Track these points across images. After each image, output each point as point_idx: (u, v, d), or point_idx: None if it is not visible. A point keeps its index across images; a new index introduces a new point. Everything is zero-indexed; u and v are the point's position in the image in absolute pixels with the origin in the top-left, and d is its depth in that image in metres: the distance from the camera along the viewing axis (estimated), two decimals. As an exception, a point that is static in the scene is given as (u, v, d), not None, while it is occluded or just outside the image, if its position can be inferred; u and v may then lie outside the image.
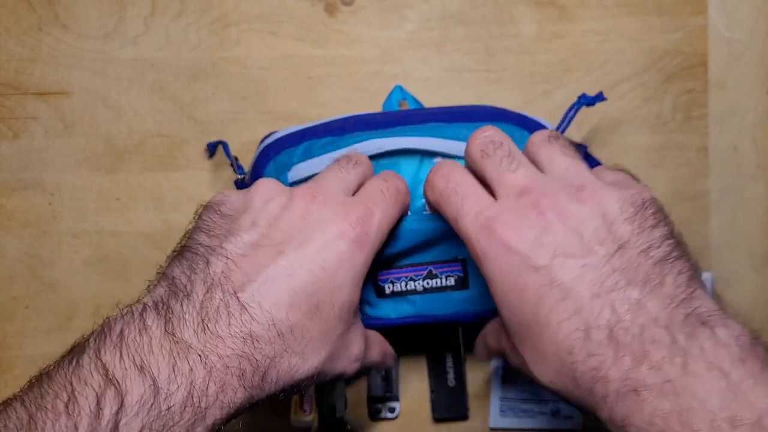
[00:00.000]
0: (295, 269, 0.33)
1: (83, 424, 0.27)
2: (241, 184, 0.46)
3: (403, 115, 0.43)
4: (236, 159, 0.47)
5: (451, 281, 0.42)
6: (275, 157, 0.43)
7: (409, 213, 0.41)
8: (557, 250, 0.32)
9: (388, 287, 0.42)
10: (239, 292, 0.32)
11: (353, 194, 0.38)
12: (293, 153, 0.42)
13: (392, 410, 0.52)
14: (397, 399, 0.52)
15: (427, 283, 0.42)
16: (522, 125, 0.43)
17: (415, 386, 0.52)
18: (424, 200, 0.41)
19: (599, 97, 0.42)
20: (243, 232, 0.34)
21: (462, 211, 0.35)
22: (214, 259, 0.33)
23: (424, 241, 0.41)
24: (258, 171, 0.43)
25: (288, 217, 0.34)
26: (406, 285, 0.42)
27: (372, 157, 0.41)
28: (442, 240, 0.42)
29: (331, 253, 0.34)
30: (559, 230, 0.32)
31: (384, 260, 0.42)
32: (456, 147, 0.41)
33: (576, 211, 0.33)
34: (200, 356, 0.29)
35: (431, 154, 0.42)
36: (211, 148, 0.50)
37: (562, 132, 0.43)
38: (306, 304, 0.33)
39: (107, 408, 0.27)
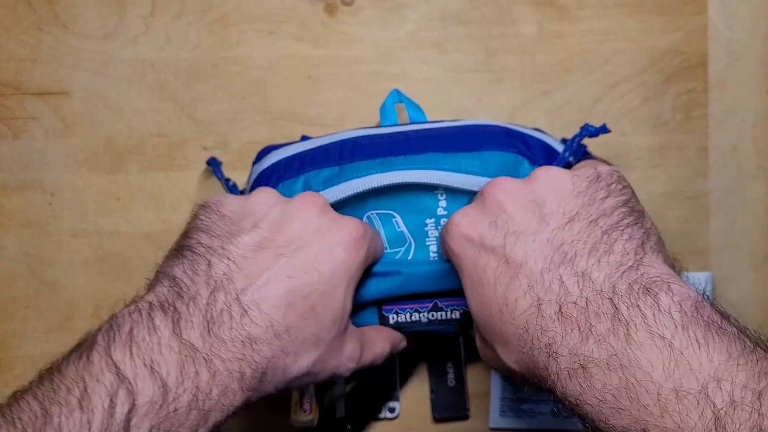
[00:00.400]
0: (294, 271, 0.34)
1: (96, 420, 0.27)
2: None
3: (402, 140, 0.41)
4: (227, 180, 0.46)
5: (457, 314, 0.42)
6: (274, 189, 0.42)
7: (410, 254, 0.41)
8: (510, 229, 0.33)
9: (392, 317, 0.42)
10: (241, 294, 0.32)
11: None
12: (293, 187, 0.41)
13: (392, 410, 0.52)
14: (397, 399, 0.52)
15: (432, 316, 0.42)
16: (525, 151, 0.41)
17: (415, 386, 0.52)
18: (434, 244, 0.41)
19: (603, 129, 0.41)
20: (245, 234, 0.35)
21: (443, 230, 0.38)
22: (216, 261, 0.33)
23: (429, 291, 0.41)
24: None
25: (289, 222, 0.36)
26: (410, 316, 0.42)
27: (371, 192, 0.40)
28: (447, 292, 0.42)
29: (329, 257, 0.35)
30: (511, 210, 0.34)
31: (387, 299, 0.42)
32: (457, 179, 0.40)
33: (527, 191, 0.34)
34: (205, 360, 0.30)
35: (431, 188, 0.41)
36: (211, 164, 0.49)
37: (566, 160, 0.41)
38: (302, 306, 0.34)
39: (119, 407, 0.28)
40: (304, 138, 0.46)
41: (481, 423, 0.52)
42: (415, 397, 0.52)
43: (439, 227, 0.41)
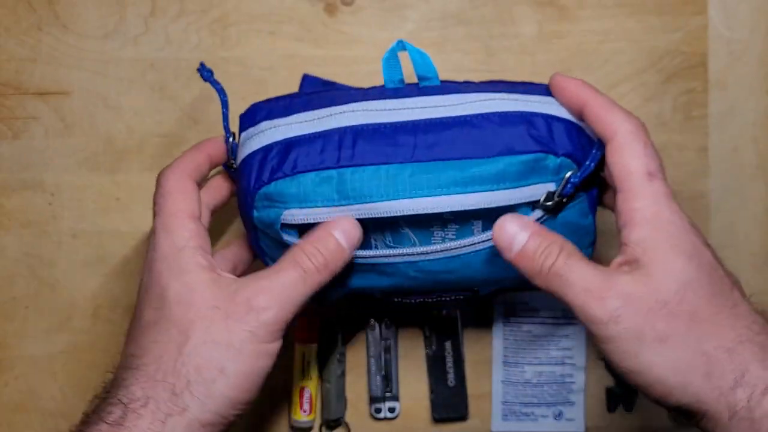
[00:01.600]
0: None
1: None
2: (227, 168, 0.43)
3: (410, 128, 0.38)
4: (234, 135, 0.43)
5: (461, 296, 0.43)
6: (264, 163, 0.39)
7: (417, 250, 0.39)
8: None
9: (397, 298, 0.44)
10: None
11: None
12: (287, 191, 0.38)
13: (392, 410, 0.52)
14: (397, 399, 0.52)
15: (437, 299, 0.43)
16: (546, 141, 0.38)
17: (415, 386, 0.52)
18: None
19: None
20: None
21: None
22: None
23: (433, 284, 0.41)
24: (247, 185, 0.39)
25: None
26: (416, 300, 0.44)
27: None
28: (451, 287, 0.42)
29: None
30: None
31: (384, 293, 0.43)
32: (466, 202, 0.37)
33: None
34: None
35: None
36: (204, 74, 0.43)
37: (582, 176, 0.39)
38: None
39: None
40: (304, 80, 0.48)
41: (481, 423, 0.52)
42: (414, 397, 0.52)
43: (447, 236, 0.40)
